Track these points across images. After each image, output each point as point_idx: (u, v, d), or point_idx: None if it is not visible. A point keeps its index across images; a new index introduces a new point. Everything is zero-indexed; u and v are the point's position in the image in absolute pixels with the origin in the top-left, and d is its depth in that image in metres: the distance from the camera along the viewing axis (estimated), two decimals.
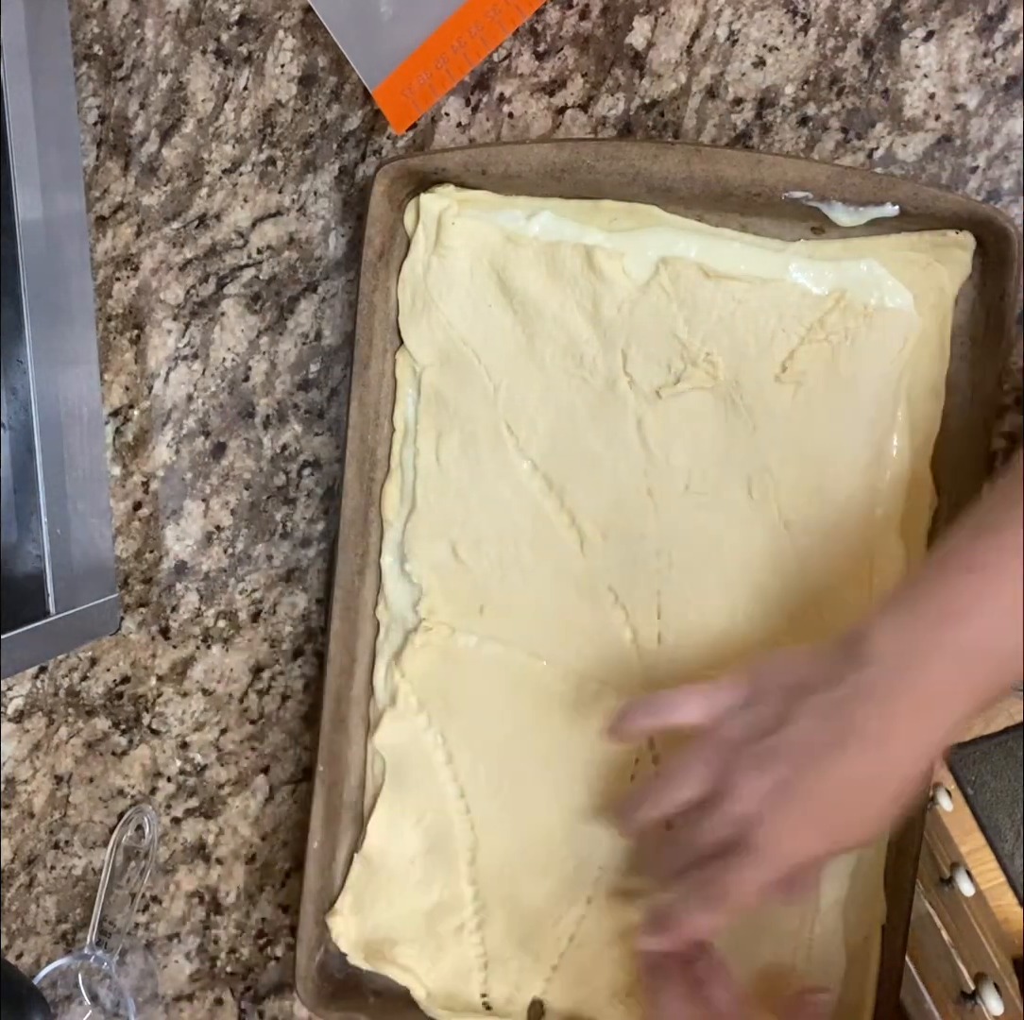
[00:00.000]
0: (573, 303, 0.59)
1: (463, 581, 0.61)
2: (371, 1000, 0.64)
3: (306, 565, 0.67)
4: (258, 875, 0.69)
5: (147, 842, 0.69)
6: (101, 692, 0.70)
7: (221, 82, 0.65)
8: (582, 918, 0.61)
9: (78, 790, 0.71)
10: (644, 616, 0.60)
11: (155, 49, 0.65)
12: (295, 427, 0.66)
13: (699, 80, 0.60)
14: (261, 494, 0.67)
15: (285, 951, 0.69)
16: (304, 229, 0.65)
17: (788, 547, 0.58)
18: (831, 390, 0.57)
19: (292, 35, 0.64)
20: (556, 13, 0.61)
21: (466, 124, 0.62)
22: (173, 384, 0.67)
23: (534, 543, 0.60)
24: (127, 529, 0.68)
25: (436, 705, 0.62)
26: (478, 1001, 0.63)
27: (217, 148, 0.65)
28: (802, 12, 0.59)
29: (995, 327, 0.55)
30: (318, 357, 0.66)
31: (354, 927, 0.64)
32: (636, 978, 0.58)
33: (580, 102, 0.61)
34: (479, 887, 0.62)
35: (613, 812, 0.57)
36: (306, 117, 0.64)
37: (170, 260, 0.67)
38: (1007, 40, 0.57)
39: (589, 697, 0.60)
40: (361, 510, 0.62)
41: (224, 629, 0.68)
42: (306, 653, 0.68)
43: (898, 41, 0.58)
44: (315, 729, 0.63)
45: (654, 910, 0.52)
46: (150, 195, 0.66)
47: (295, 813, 0.68)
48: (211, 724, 0.69)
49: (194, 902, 0.70)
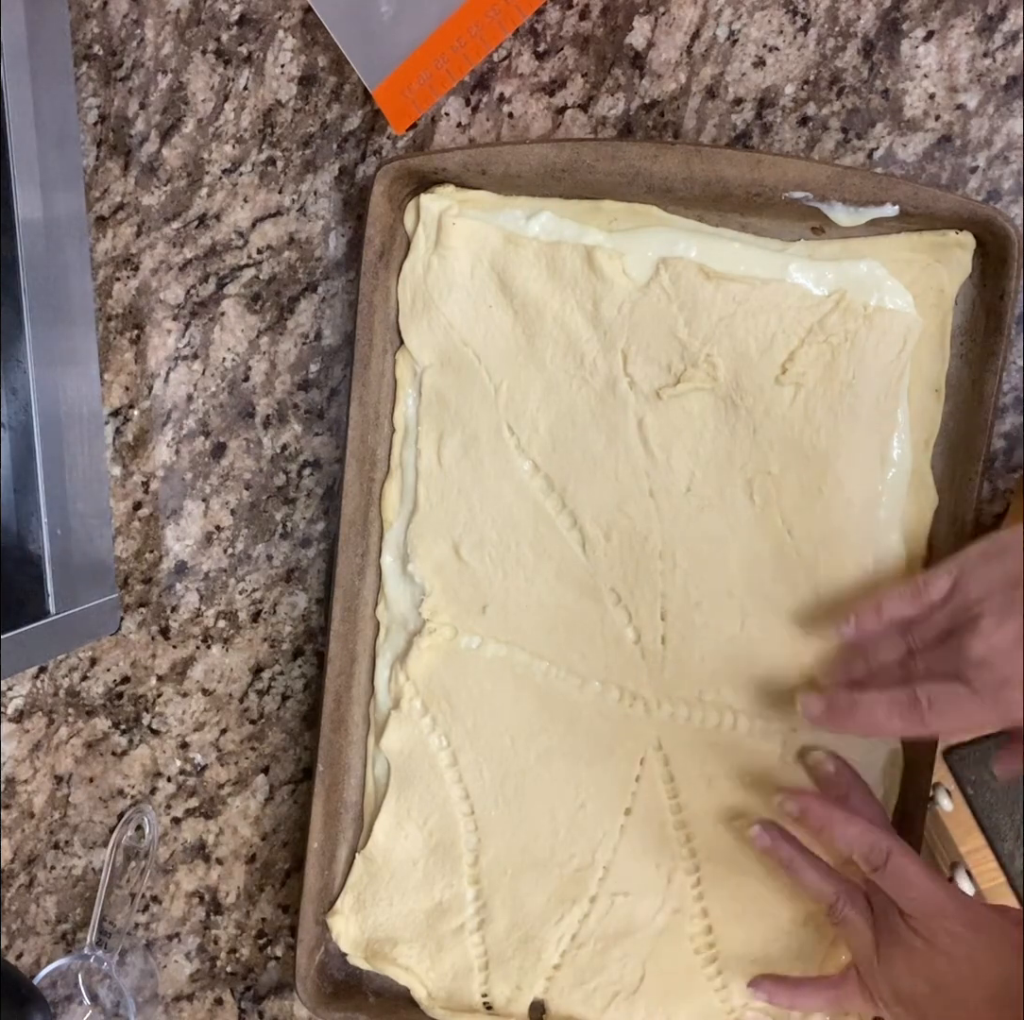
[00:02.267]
0: (573, 303, 0.59)
1: (466, 581, 0.61)
2: (371, 1000, 0.64)
3: (306, 565, 0.67)
4: (258, 875, 0.69)
5: (147, 842, 0.69)
6: (101, 692, 0.70)
7: (221, 82, 0.65)
8: (585, 917, 0.61)
9: (78, 790, 0.71)
10: (647, 617, 0.60)
11: (155, 49, 0.65)
12: (295, 427, 0.66)
13: (699, 80, 0.60)
14: (261, 494, 0.67)
15: (285, 951, 0.69)
16: (304, 229, 0.65)
17: (790, 548, 0.58)
18: (831, 391, 0.57)
19: (292, 35, 0.64)
20: (556, 13, 0.61)
21: (466, 124, 0.62)
22: (173, 384, 0.67)
23: (536, 543, 0.60)
24: (127, 529, 0.68)
25: (440, 707, 0.62)
26: (479, 1001, 0.63)
27: (217, 148, 0.65)
28: (802, 12, 0.59)
29: (995, 327, 0.55)
30: (318, 357, 0.66)
31: (355, 927, 0.64)
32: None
33: (580, 102, 0.61)
34: (481, 887, 0.62)
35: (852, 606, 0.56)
36: (306, 117, 0.64)
37: (170, 260, 0.67)
38: (1007, 40, 0.57)
39: (592, 698, 0.61)
40: (361, 510, 0.62)
41: (224, 629, 0.68)
42: (306, 653, 0.68)
43: (898, 41, 0.58)
44: (315, 729, 0.63)
45: (830, 697, 0.53)
46: (150, 195, 0.66)
47: (295, 813, 0.68)
48: (211, 724, 0.69)
49: (194, 902, 0.70)
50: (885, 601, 0.53)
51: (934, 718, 0.50)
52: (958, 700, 0.49)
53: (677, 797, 0.60)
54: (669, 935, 0.61)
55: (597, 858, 0.61)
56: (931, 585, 0.52)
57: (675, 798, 0.60)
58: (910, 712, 0.50)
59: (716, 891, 0.60)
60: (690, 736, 0.60)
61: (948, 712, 0.50)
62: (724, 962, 0.60)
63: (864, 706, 0.52)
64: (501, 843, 0.62)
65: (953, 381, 0.57)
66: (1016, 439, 0.59)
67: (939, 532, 0.57)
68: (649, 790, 0.60)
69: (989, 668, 0.48)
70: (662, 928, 0.61)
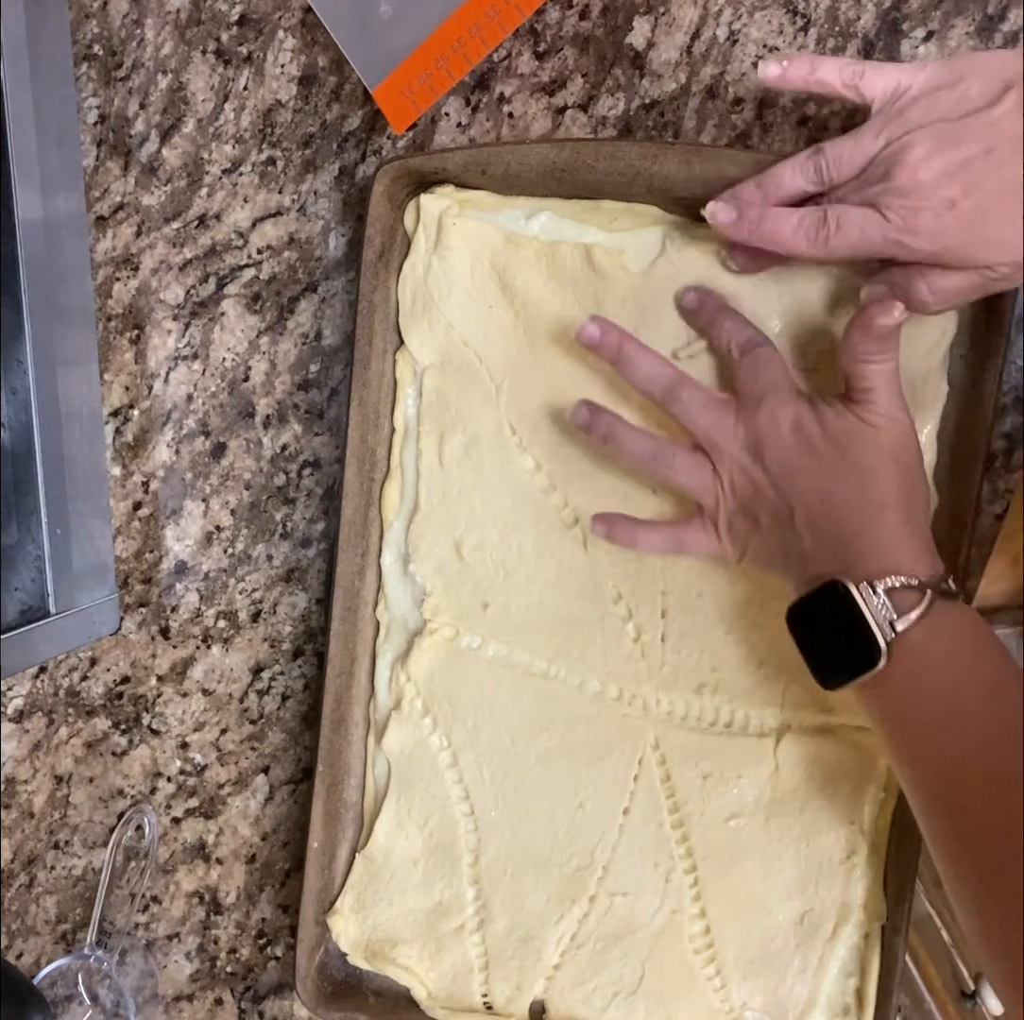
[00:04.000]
0: (575, 302, 0.59)
1: (467, 581, 0.61)
2: (371, 1000, 0.64)
3: (306, 565, 0.67)
4: (258, 875, 0.69)
5: (147, 842, 0.69)
6: (101, 692, 0.70)
7: (221, 82, 0.65)
8: (584, 917, 0.61)
9: (78, 790, 0.71)
10: (648, 615, 0.60)
11: (155, 49, 0.65)
12: (295, 427, 0.66)
13: (699, 80, 0.60)
14: (261, 494, 0.67)
15: (285, 951, 0.69)
16: (304, 229, 0.65)
17: None
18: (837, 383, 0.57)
19: (292, 35, 0.64)
20: (556, 13, 0.61)
21: (466, 124, 0.62)
22: (173, 384, 0.67)
23: (537, 542, 0.60)
24: (127, 529, 0.68)
25: (441, 708, 0.62)
26: (479, 1001, 0.63)
27: (217, 148, 0.65)
28: (802, 12, 0.59)
29: (995, 327, 0.55)
30: (318, 357, 0.66)
31: (354, 927, 0.64)
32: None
33: (580, 102, 0.61)
34: (481, 887, 0.62)
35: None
36: (306, 117, 0.64)
37: (170, 260, 0.67)
38: (1007, 40, 0.57)
39: (592, 697, 0.61)
40: (361, 510, 0.62)
41: (224, 629, 0.68)
42: (306, 653, 0.68)
43: (898, 41, 0.58)
44: (315, 729, 0.63)
45: (740, 205, 0.52)
46: (150, 195, 0.66)
47: (295, 813, 0.68)
48: (211, 724, 0.69)
49: (194, 902, 0.70)
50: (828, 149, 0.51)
51: (839, 240, 0.49)
52: (867, 224, 0.48)
53: (674, 796, 0.60)
54: (668, 935, 0.61)
55: (596, 858, 0.61)
56: (864, 136, 0.50)
57: (672, 797, 0.60)
58: (816, 230, 0.49)
59: (713, 891, 0.60)
60: (686, 735, 0.60)
61: (852, 234, 0.49)
62: (722, 962, 0.60)
63: (772, 217, 0.51)
64: (501, 843, 0.62)
65: (953, 381, 0.57)
66: (1016, 439, 0.59)
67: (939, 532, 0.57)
68: (647, 790, 0.60)
69: (905, 196, 0.48)
70: (661, 928, 0.61)
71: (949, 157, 0.47)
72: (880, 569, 0.48)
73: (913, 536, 0.50)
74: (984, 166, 0.47)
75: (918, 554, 0.49)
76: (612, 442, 0.56)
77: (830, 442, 0.51)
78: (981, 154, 0.47)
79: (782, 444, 0.51)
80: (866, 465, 0.50)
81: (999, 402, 0.56)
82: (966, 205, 0.47)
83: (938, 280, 0.50)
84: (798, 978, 0.60)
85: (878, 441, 0.50)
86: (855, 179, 0.50)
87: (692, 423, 0.54)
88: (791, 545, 0.52)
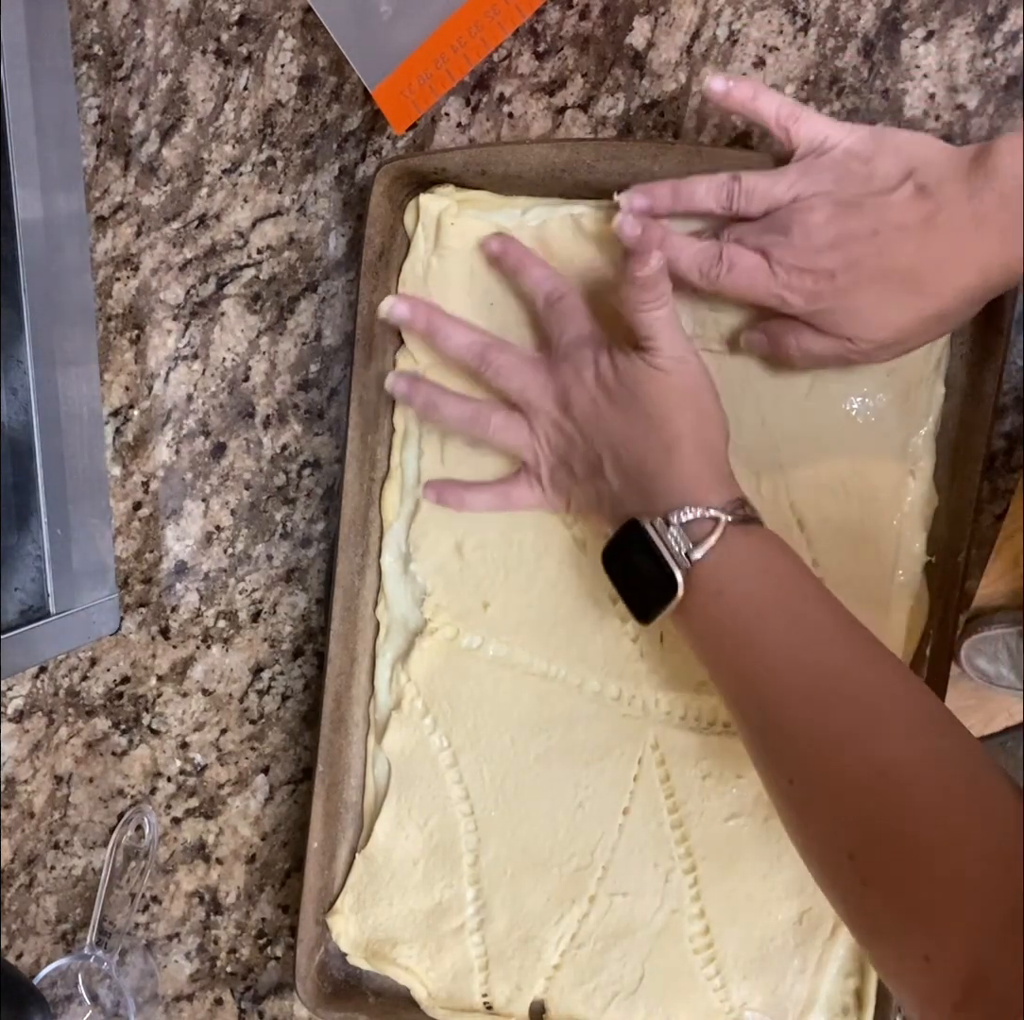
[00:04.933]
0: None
1: (467, 580, 0.61)
2: (371, 1000, 0.64)
3: (306, 565, 0.67)
4: (258, 875, 0.69)
5: (147, 842, 0.69)
6: (101, 692, 0.70)
7: (221, 82, 0.65)
8: (584, 917, 0.61)
9: (78, 790, 0.71)
10: None
11: (155, 49, 0.65)
12: (295, 427, 0.66)
13: (699, 80, 0.60)
14: (261, 494, 0.67)
15: (285, 951, 0.69)
16: (304, 229, 0.65)
17: (801, 544, 0.57)
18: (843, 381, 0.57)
19: (292, 35, 0.64)
20: (556, 13, 0.61)
21: (466, 124, 0.62)
22: (173, 384, 0.67)
23: (538, 542, 0.60)
24: (127, 529, 0.68)
25: (441, 708, 0.62)
26: (479, 1001, 0.63)
27: (217, 148, 0.65)
28: (802, 12, 0.59)
29: (995, 327, 0.55)
30: (318, 357, 0.66)
31: (354, 927, 0.64)
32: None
33: (580, 102, 0.61)
34: (481, 887, 0.62)
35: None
36: (306, 117, 0.64)
37: (170, 260, 0.67)
38: (1007, 40, 0.57)
39: (592, 696, 0.61)
40: (361, 510, 0.62)
41: (224, 629, 0.68)
42: (306, 653, 0.68)
43: (898, 41, 0.58)
44: (315, 729, 0.63)
45: (647, 219, 0.53)
46: (150, 195, 0.66)
47: (295, 813, 0.68)
48: (211, 724, 0.69)
49: (194, 902, 0.70)
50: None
51: (728, 282, 0.52)
52: (755, 274, 0.51)
53: (673, 796, 0.60)
54: (668, 935, 0.61)
55: (596, 858, 0.61)
56: (779, 182, 0.51)
57: (671, 797, 0.60)
58: (710, 267, 0.52)
59: (712, 891, 0.60)
60: (686, 735, 0.60)
61: (741, 281, 0.51)
62: (722, 961, 0.60)
63: (672, 243, 0.52)
64: (501, 843, 0.62)
65: (953, 381, 0.57)
66: (1016, 439, 0.59)
67: (939, 532, 0.57)
68: (647, 790, 0.60)
69: (795, 257, 0.50)
70: (661, 928, 0.61)
71: (841, 229, 0.49)
72: (675, 503, 0.50)
73: (707, 469, 0.52)
74: (866, 247, 0.49)
75: (711, 486, 0.51)
76: (432, 410, 0.58)
77: (625, 389, 0.53)
78: (867, 235, 0.48)
79: (585, 395, 0.54)
80: (657, 407, 0.52)
81: (999, 402, 0.56)
82: (843, 279, 0.49)
83: (807, 340, 0.52)
84: (797, 978, 0.60)
85: (668, 383, 0.52)
86: (758, 220, 0.52)
87: (507, 384, 0.56)
88: (604, 491, 0.54)
